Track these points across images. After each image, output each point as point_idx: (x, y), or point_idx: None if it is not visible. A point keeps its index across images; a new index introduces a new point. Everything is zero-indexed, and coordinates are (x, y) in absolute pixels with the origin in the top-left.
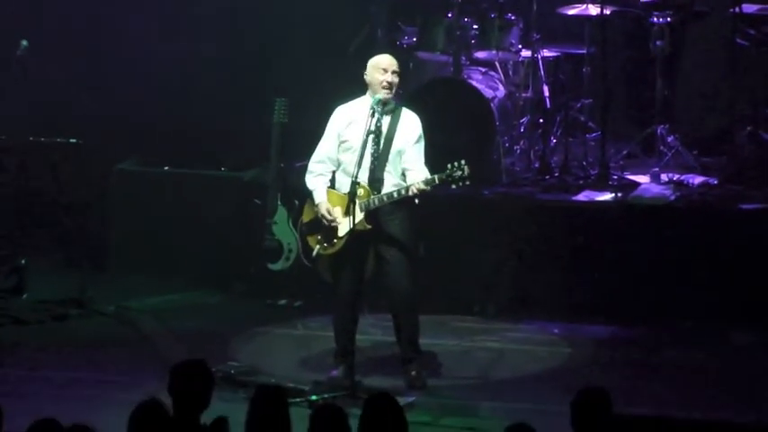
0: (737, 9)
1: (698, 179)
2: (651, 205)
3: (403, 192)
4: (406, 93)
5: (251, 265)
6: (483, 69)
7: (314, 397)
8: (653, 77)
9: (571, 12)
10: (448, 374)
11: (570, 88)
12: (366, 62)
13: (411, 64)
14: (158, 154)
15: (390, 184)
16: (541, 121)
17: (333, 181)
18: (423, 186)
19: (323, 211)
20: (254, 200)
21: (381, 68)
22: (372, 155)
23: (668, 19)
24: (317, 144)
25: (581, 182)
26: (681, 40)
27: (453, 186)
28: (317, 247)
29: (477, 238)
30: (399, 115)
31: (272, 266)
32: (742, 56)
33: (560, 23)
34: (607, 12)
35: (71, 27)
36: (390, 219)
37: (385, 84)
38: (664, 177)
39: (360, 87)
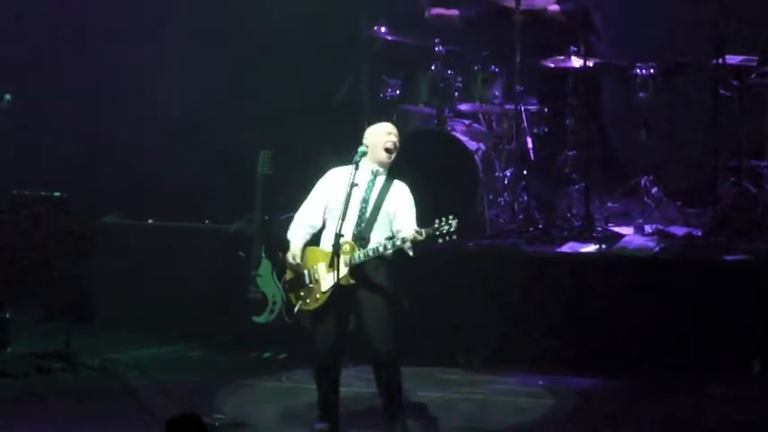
0: (721, 60)
1: (682, 230)
2: (635, 257)
3: (389, 245)
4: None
5: (235, 318)
6: (467, 121)
7: None
8: (636, 129)
9: (553, 64)
10: (432, 427)
11: (554, 140)
12: (350, 114)
13: (395, 116)
14: (142, 207)
15: (376, 243)
16: (525, 172)
17: (319, 239)
18: (409, 239)
19: (290, 259)
20: (239, 252)
21: (385, 131)
22: (360, 214)
23: (651, 71)
24: (302, 196)
25: (565, 233)
26: (664, 91)
27: (440, 241)
28: (299, 303)
29: (462, 289)
30: (391, 184)
31: (256, 319)
32: (726, 106)
33: (543, 76)
34: (590, 64)
35: (60, 80)
36: (374, 273)
37: (389, 144)
38: (648, 229)
39: (343, 140)
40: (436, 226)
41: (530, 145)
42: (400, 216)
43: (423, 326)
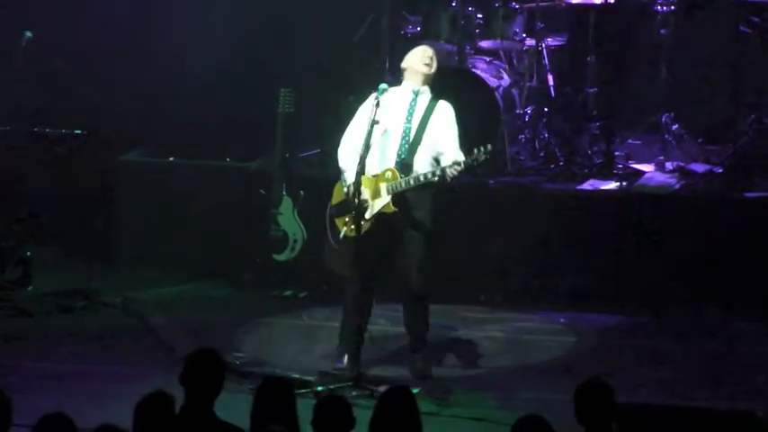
0: None
1: (702, 167)
2: (656, 194)
3: (429, 175)
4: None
5: (256, 256)
6: (487, 58)
7: (319, 388)
8: (657, 66)
9: (575, 0)
10: (454, 364)
11: (575, 77)
12: (370, 52)
13: None
14: (163, 145)
15: (420, 170)
16: (546, 110)
17: (364, 164)
18: (450, 169)
19: (352, 192)
20: (260, 190)
21: (421, 49)
22: (402, 138)
23: (672, 7)
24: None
25: (586, 171)
26: (685, 28)
27: (478, 169)
28: (344, 228)
29: (483, 227)
30: (435, 104)
31: (277, 257)
32: (746, 44)
33: (565, 12)
34: (611, 0)
35: (77, 21)
36: (417, 202)
37: (426, 59)
38: (668, 166)
39: (364, 78)
40: (475, 155)
41: (551, 82)
42: (442, 142)
43: (444, 264)
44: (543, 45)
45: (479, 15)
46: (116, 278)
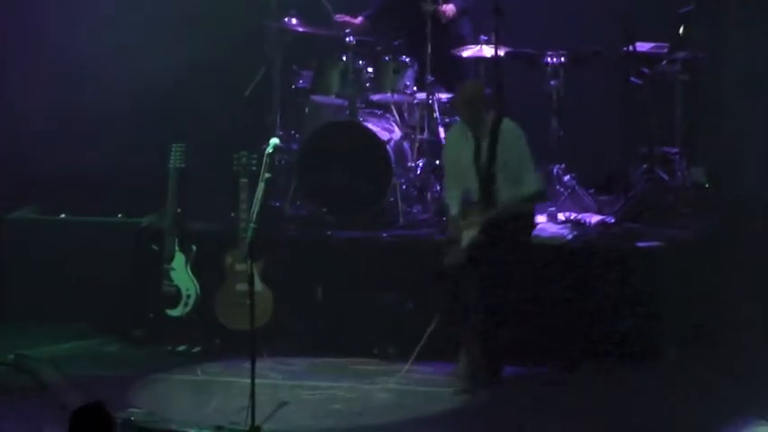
0: (631, 47)
1: (595, 218)
2: (548, 245)
3: (509, 206)
4: (302, 135)
5: (149, 312)
6: (378, 112)
7: None
8: (548, 117)
9: (465, 53)
10: (348, 418)
11: None
12: (262, 105)
13: (307, 108)
14: (54, 202)
15: (504, 196)
16: (438, 162)
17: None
18: (514, 206)
19: (451, 226)
20: (152, 246)
21: (458, 103)
22: (478, 172)
23: (562, 59)
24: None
25: None
26: (575, 79)
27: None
28: (448, 259)
29: (377, 280)
30: (498, 130)
31: (170, 312)
32: (636, 94)
33: (455, 66)
34: (501, 53)
35: None
36: (507, 231)
37: (464, 115)
38: (561, 217)
39: (253, 130)
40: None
41: (442, 135)
42: (514, 169)
43: (337, 317)
44: (434, 98)
45: (369, 69)
46: (8, 336)
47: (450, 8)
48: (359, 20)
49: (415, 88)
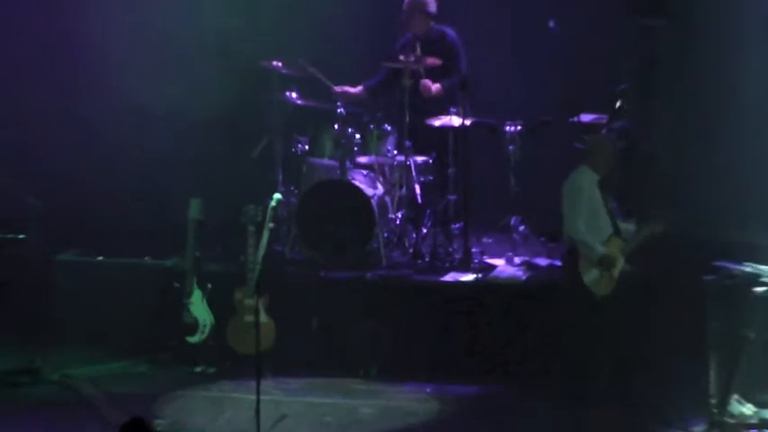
0: (576, 118)
1: (545, 261)
2: (506, 284)
3: (641, 233)
4: (300, 191)
5: (172, 339)
6: (364, 171)
7: None
8: (507, 176)
9: (437, 123)
10: (338, 429)
11: (438, 186)
12: (266, 166)
13: (304, 168)
14: (93, 246)
15: (631, 228)
16: (414, 214)
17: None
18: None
19: (605, 259)
20: (174, 284)
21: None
22: (608, 211)
23: (518, 128)
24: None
25: (447, 265)
26: (529, 144)
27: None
28: (597, 289)
29: (362, 311)
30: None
31: (190, 339)
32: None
33: (429, 132)
34: (467, 122)
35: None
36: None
37: (612, 162)
38: (516, 260)
39: (259, 187)
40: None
41: (417, 191)
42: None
43: (329, 342)
44: (411, 160)
45: (357, 135)
46: (56, 358)
47: (436, 87)
48: (359, 89)
49: (395, 152)
